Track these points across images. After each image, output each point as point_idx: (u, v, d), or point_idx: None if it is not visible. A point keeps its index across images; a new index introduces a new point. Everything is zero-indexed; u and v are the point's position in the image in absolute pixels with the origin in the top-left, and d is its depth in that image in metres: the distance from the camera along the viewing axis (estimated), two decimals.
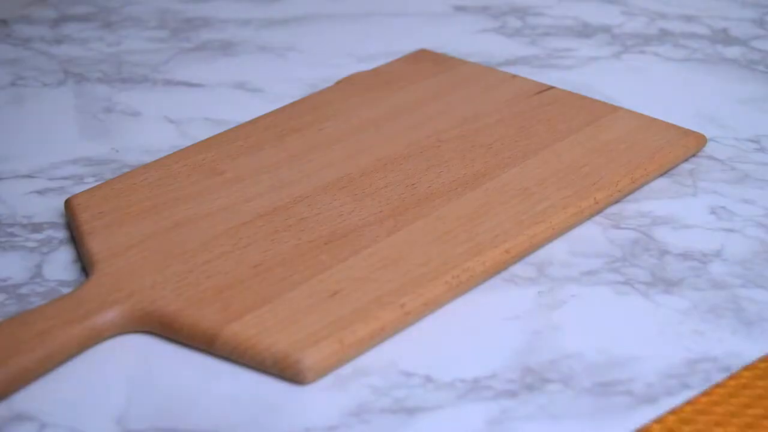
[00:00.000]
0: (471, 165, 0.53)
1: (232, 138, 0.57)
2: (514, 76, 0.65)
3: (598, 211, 0.52)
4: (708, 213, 0.52)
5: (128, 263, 0.46)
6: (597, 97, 0.63)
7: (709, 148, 0.58)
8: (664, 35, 0.76)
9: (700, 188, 0.55)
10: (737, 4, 0.83)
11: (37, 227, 0.52)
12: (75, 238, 0.50)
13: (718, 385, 0.39)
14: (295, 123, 0.59)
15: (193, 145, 0.57)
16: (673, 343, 0.43)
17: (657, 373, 0.41)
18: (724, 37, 0.76)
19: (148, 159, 0.57)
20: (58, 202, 0.54)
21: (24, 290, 0.47)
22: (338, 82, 0.65)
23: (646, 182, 0.54)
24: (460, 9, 0.84)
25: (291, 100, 0.63)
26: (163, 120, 0.65)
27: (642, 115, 0.59)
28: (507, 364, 0.41)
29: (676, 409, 0.38)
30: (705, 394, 0.39)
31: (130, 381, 0.41)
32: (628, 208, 0.53)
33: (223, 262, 0.46)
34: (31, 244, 0.51)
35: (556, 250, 0.49)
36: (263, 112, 0.61)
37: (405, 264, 0.45)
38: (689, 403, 0.39)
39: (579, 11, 0.82)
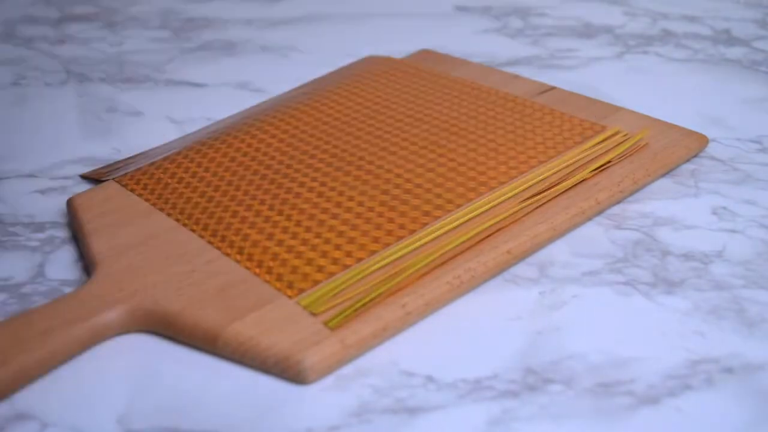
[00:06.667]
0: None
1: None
2: (516, 77, 0.66)
3: (600, 212, 0.52)
4: (710, 213, 0.52)
5: (130, 263, 0.46)
6: (599, 97, 0.63)
7: (711, 149, 0.58)
8: (666, 36, 0.76)
9: (701, 189, 0.55)
10: (739, 4, 0.83)
11: (39, 227, 0.52)
12: (77, 237, 0.50)
13: None
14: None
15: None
16: (675, 343, 0.43)
17: (658, 373, 0.41)
18: (727, 38, 0.76)
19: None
20: (60, 202, 0.54)
21: (26, 290, 0.47)
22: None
23: (648, 183, 0.54)
24: (462, 9, 0.84)
25: None
26: (165, 120, 0.65)
27: (644, 115, 0.59)
28: (508, 365, 0.41)
29: None
30: None
31: (131, 380, 0.41)
32: (630, 208, 0.53)
33: (225, 261, 0.46)
34: (33, 244, 0.51)
35: (558, 250, 0.49)
36: None
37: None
38: None
39: (581, 12, 0.82)
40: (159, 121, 0.65)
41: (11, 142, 0.62)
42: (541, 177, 0.52)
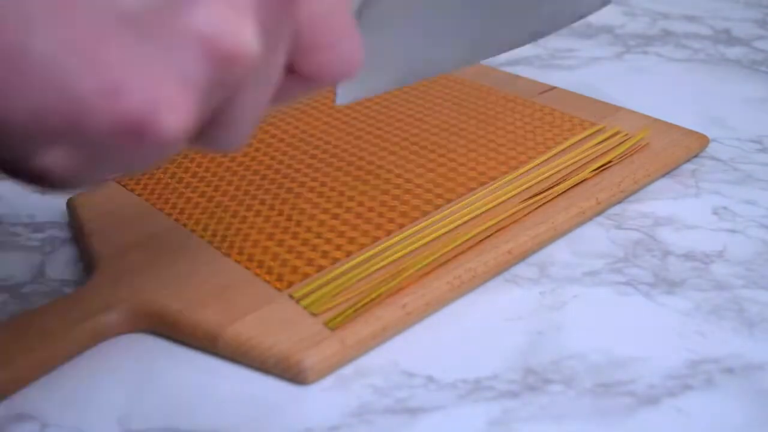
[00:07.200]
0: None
1: None
2: (517, 77, 0.66)
3: (600, 212, 0.52)
4: (710, 213, 0.52)
5: (130, 263, 0.46)
6: (599, 97, 0.63)
7: (712, 149, 0.58)
8: (666, 36, 0.76)
9: (702, 189, 0.55)
10: (740, 4, 0.83)
11: (39, 227, 0.52)
12: (77, 237, 0.50)
13: None
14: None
15: None
16: (675, 344, 0.43)
17: (659, 374, 0.41)
18: (727, 38, 0.76)
19: None
20: (60, 202, 0.54)
21: (26, 290, 0.47)
22: None
23: (649, 183, 0.54)
24: None
25: None
26: None
27: (644, 115, 0.59)
28: (509, 365, 0.41)
29: None
30: None
31: (131, 381, 0.41)
32: (630, 208, 0.53)
33: (225, 262, 0.46)
34: (33, 244, 0.51)
35: (558, 250, 0.49)
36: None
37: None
38: None
39: None
40: None
41: None
42: (541, 177, 0.52)
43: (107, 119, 0.25)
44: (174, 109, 0.25)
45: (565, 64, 0.72)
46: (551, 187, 0.51)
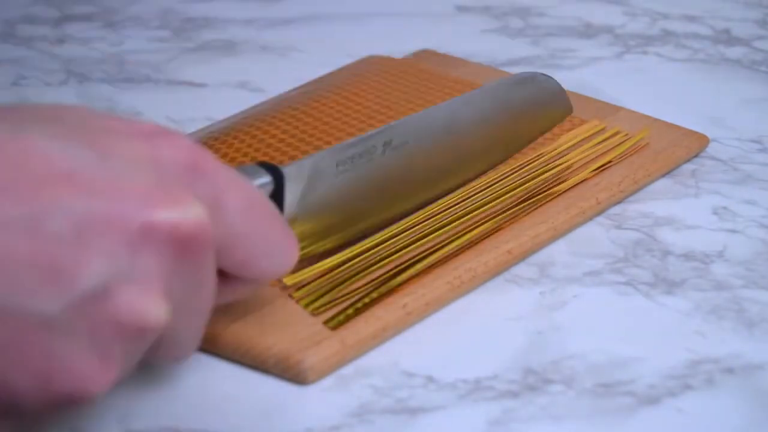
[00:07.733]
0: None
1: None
2: None
3: (600, 212, 0.52)
4: (710, 213, 0.52)
5: None
6: (599, 97, 0.63)
7: (712, 149, 0.58)
8: (666, 36, 0.76)
9: (702, 189, 0.54)
10: (740, 4, 0.83)
11: None
12: None
13: None
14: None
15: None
16: (675, 344, 0.43)
17: (659, 374, 0.41)
18: (727, 38, 0.76)
19: None
20: None
21: None
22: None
23: (649, 183, 0.54)
24: (462, 9, 0.84)
25: None
26: (165, 120, 0.65)
27: (644, 115, 0.59)
28: (509, 365, 0.41)
29: None
30: None
31: (131, 380, 0.41)
32: (630, 208, 0.53)
33: None
34: None
35: (558, 250, 0.49)
36: None
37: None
38: None
39: (581, 12, 0.82)
40: (159, 121, 0.64)
41: None
42: (541, 177, 0.52)
43: (42, 400, 0.31)
44: (98, 380, 0.31)
45: (565, 64, 0.71)
46: (551, 187, 0.51)
